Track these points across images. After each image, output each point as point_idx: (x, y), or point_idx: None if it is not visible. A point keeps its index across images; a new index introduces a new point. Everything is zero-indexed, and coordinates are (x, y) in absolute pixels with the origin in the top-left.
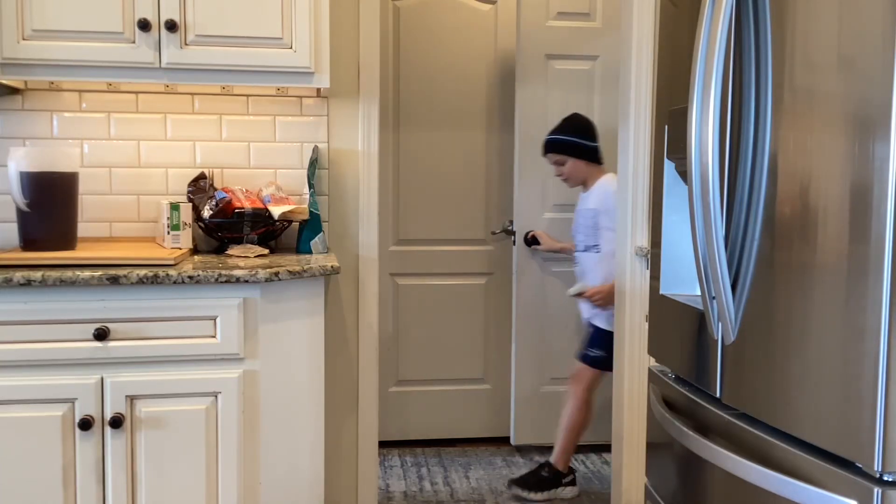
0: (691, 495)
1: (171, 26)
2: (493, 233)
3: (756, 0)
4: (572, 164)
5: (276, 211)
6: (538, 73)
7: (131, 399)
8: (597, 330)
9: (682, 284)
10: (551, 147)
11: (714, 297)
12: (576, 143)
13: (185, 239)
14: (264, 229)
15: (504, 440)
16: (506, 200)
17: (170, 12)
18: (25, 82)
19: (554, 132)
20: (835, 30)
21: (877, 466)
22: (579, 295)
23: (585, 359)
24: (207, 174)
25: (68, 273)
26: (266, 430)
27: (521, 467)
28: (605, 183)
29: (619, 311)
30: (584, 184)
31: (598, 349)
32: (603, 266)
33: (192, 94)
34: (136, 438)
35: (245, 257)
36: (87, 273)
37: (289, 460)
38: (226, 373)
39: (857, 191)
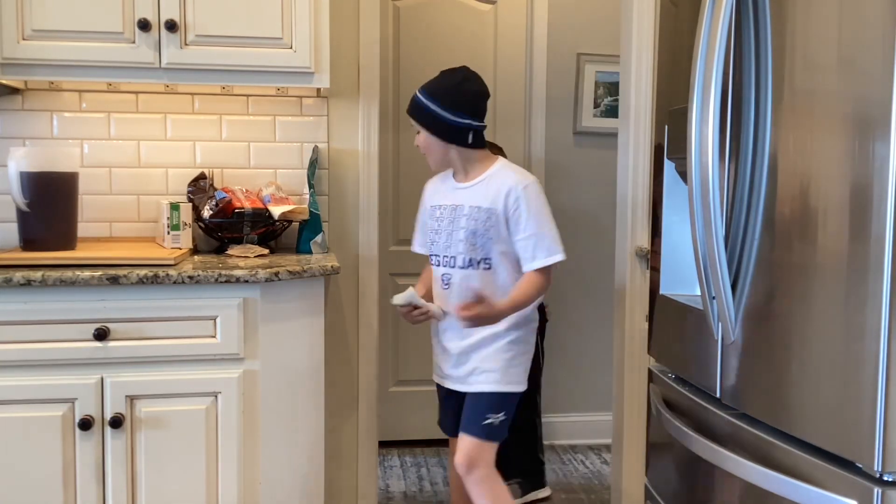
0: (691, 495)
1: (171, 26)
2: None
3: (756, 0)
4: (426, 140)
5: (276, 211)
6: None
7: (131, 399)
8: (492, 395)
9: (682, 284)
10: (410, 107)
11: (714, 297)
12: (433, 113)
13: (185, 239)
14: (264, 229)
15: None
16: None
17: (170, 12)
18: (25, 82)
19: (422, 87)
20: (835, 30)
21: (877, 466)
22: (417, 311)
23: (481, 431)
24: (207, 174)
25: (68, 273)
26: (266, 430)
27: None
28: (507, 175)
29: (618, 311)
30: (460, 170)
31: (497, 412)
32: (497, 289)
33: (192, 94)
34: (136, 438)
35: (245, 257)
36: (87, 273)
37: (289, 460)
38: (226, 373)
39: (857, 191)
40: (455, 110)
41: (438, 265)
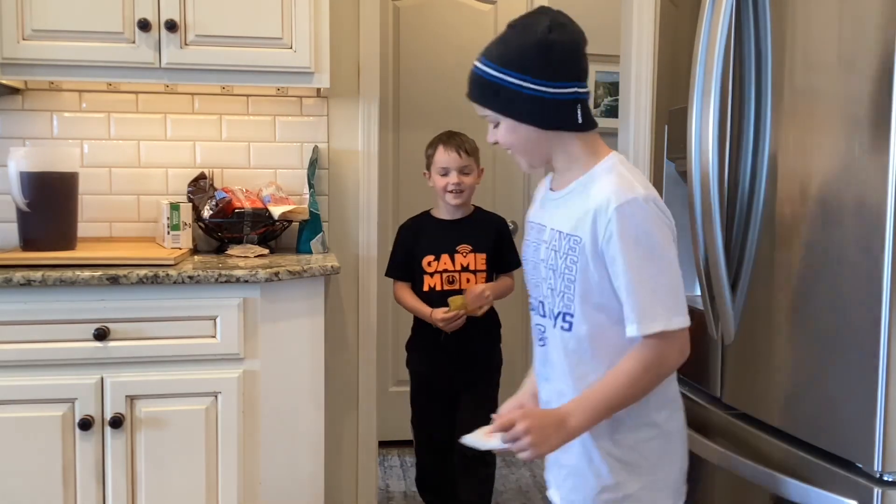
0: (691, 495)
1: (171, 26)
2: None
3: (756, 0)
4: (510, 134)
5: (276, 211)
6: None
7: (131, 399)
8: None
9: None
10: (473, 87)
11: (714, 297)
12: (518, 87)
13: (185, 239)
14: (264, 229)
15: None
16: (506, 200)
17: (170, 12)
18: (25, 82)
19: (486, 53)
20: (835, 30)
21: (877, 466)
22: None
23: None
24: (207, 174)
25: (68, 273)
26: (266, 430)
27: (521, 467)
28: (604, 184)
29: None
30: (559, 170)
31: None
32: (589, 367)
33: (192, 94)
34: (136, 438)
35: (245, 257)
36: (87, 273)
37: (289, 460)
38: (226, 373)
39: (856, 191)
40: (552, 76)
41: (533, 310)
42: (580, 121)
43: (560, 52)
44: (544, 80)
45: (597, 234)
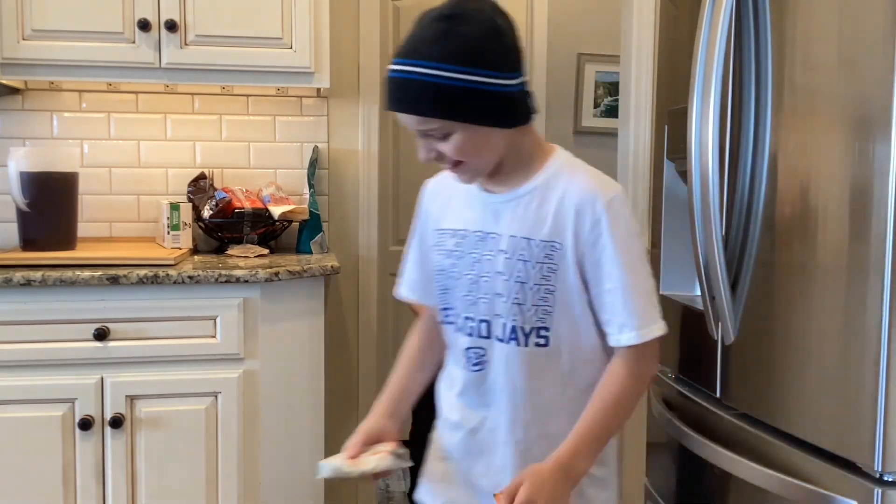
0: (691, 495)
1: (171, 26)
2: None
3: (756, 0)
4: (464, 142)
5: (276, 211)
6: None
7: (131, 399)
8: None
9: (682, 284)
10: (414, 96)
11: (714, 297)
12: (472, 87)
13: (185, 239)
14: (264, 229)
15: None
16: None
17: (170, 12)
18: (25, 82)
19: (415, 53)
20: (835, 30)
21: (877, 466)
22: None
23: None
24: (207, 174)
25: (68, 273)
26: (266, 430)
27: None
28: (578, 180)
29: None
30: (499, 173)
31: None
32: (563, 387)
33: (192, 94)
34: (136, 438)
35: (245, 257)
36: (87, 273)
37: (289, 460)
38: (226, 373)
39: (857, 191)
40: (509, 67)
41: (460, 331)
42: (533, 112)
43: (510, 37)
44: (503, 72)
45: (580, 236)
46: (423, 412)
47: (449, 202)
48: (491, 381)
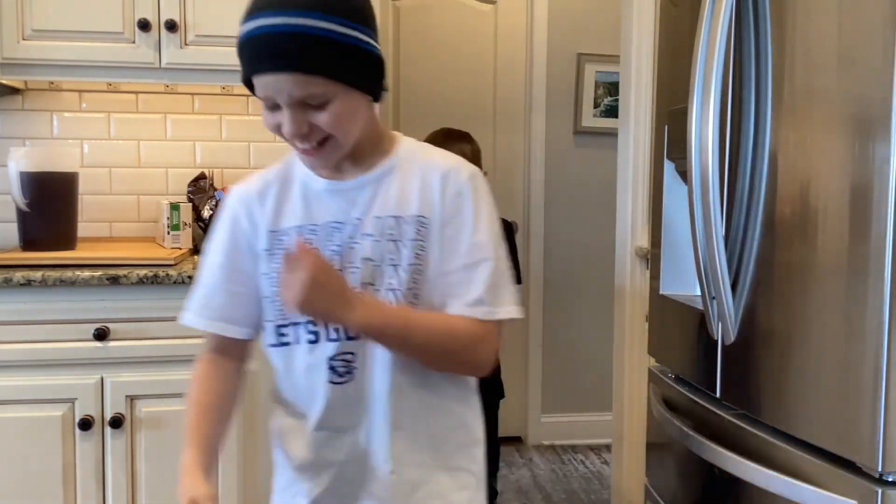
0: (691, 495)
1: (171, 26)
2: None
3: (756, 0)
4: (343, 108)
5: None
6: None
7: (131, 399)
8: None
9: (682, 284)
10: (310, 52)
11: (714, 297)
12: (355, 42)
13: (185, 239)
14: None
15: (516, 439)
16: (506, 200)
17: (170, 12)
18: (25, 82)
19: (283, 4)
20: (835, 30)
21: (877, 466)
22: None
23: None
24: (207, 174)
25: (68, 273)
26: (266, 429)
27: (521, 467)
28: (434, 156)
29: (618, 311)
30: (360, 155)
31: None
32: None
33: (192, 94)
34: (136, 438)
35: None
36: (87, 273)
37: None
38: None
39: (857, 191)
40: (375, 28)
41: (318, 342)
42: (384, 87)
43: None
44: (375, 32)
45: (445, 205)
46: None
47: (280, 203)
48: (361, 388)
